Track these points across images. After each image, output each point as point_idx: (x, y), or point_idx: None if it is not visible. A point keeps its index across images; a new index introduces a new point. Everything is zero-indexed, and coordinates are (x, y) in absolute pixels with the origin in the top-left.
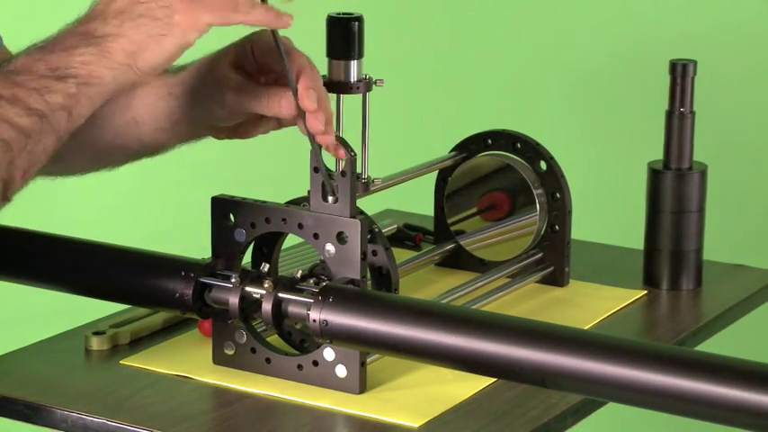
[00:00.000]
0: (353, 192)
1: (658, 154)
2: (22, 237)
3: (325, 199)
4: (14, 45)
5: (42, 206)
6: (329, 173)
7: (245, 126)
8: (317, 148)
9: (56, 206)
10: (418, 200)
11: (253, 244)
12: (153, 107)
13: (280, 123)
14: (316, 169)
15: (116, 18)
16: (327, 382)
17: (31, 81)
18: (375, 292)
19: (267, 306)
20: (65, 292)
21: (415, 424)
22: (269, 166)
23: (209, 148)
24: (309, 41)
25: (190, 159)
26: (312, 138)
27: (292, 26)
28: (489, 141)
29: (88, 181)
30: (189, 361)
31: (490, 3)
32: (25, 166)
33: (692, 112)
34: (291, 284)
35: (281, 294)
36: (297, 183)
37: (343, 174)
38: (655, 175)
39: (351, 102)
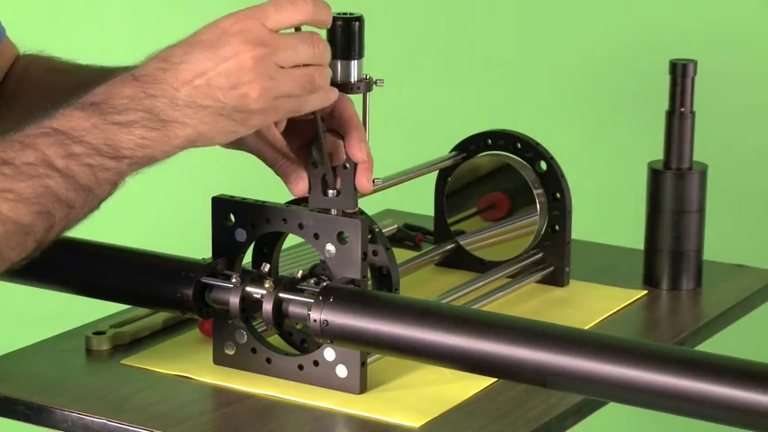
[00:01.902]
0: (355, 184)
1: (658, 154)
2: None
3: (325, 194)
4: (16, 35)
5: None
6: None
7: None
8: (321, 139)
9: None
10: (418, 200)
11: (253, 244)
12: None
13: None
14: (314, 164)
15: (189, 107)
16: (328, 382)
17: (86, 156)
18: (375, 292)
19: (268, 306)
20: (65, 292)
21: (416, 424)
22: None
23: (209, 149)
24: None
25: (190, 160)
26: (319, 128)
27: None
28: (489, 141)
29: None
30: (189, 361)
31: (490, 3)
32: (61, 230)
33: (692, 112)
34: (292, 284)
35: (281, 294)
36: None
37: (345, 167)
38: (655, 175)
39: None
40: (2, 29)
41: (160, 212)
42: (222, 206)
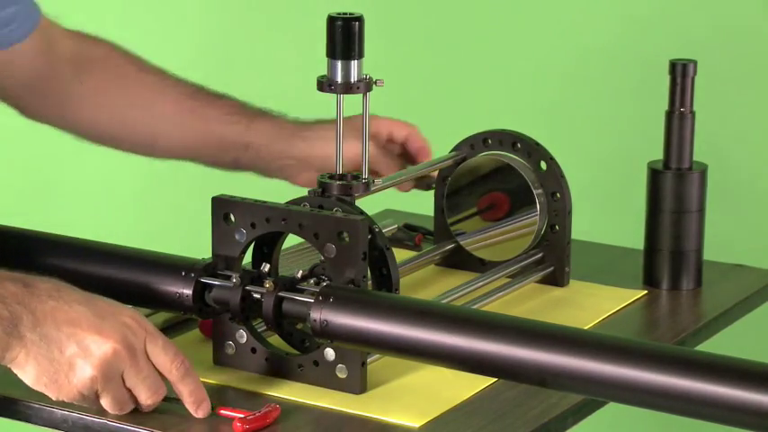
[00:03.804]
0: None
1: (658, 154)
2: (22, 237)
3: None
4: None
5: (42, 206)
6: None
7: None
8: None
9: (56, 206)
10: (418, 200)
11: (253, 244)
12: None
13: None
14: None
15: (40, 341)
16: (328, 382)
17: None
18: (375, 292)
19: (268, 306)
20: None
21: (416, 424)
22: None
23: None
24: (310, 41)
25: None
26: None
27: (292, 26)
28: (489, 141)
29: (88, 181)
30: (189, 361)
31: (490, 3)
32: None
33: (692, 112)
34: (292, 284)
35: (281, 294)
36: None
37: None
38: (655, 175)
39: (351, 102)
40: (35, 10)
41: (160, 212)
42: (222, 206)
